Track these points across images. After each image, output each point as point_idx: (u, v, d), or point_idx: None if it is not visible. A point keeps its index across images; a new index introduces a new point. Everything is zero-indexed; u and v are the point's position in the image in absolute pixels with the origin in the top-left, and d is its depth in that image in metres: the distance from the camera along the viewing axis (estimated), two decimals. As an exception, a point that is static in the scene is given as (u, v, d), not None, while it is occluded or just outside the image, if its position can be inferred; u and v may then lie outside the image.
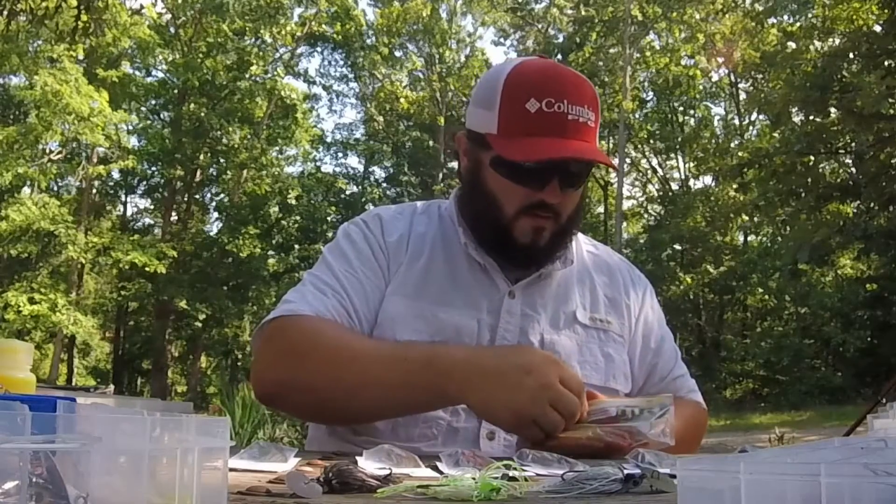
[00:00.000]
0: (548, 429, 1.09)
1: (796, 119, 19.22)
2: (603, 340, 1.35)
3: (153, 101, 25.06)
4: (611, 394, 1.29)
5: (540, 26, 27.10)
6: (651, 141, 27.00)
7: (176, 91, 23.88)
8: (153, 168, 24.78)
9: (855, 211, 18.74)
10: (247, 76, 23.26)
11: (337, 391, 1.19)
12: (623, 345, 1.38)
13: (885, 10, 15.95)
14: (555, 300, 1.35)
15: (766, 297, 22.76)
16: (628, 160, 25.81)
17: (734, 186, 22.54)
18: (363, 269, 1.31)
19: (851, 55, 17.32)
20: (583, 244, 1.45)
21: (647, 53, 25.07)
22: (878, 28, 16.85)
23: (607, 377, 1.33)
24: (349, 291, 1.28)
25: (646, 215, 28.13)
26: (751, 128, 25.83)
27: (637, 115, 25.98)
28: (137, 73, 24.13)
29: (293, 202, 23.92)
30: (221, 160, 24.16)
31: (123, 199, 27.13)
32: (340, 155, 33.39)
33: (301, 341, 1.22)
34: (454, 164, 26.69)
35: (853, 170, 19.53)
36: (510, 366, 1.13)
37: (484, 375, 1.12)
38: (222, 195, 25.23)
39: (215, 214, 26.00)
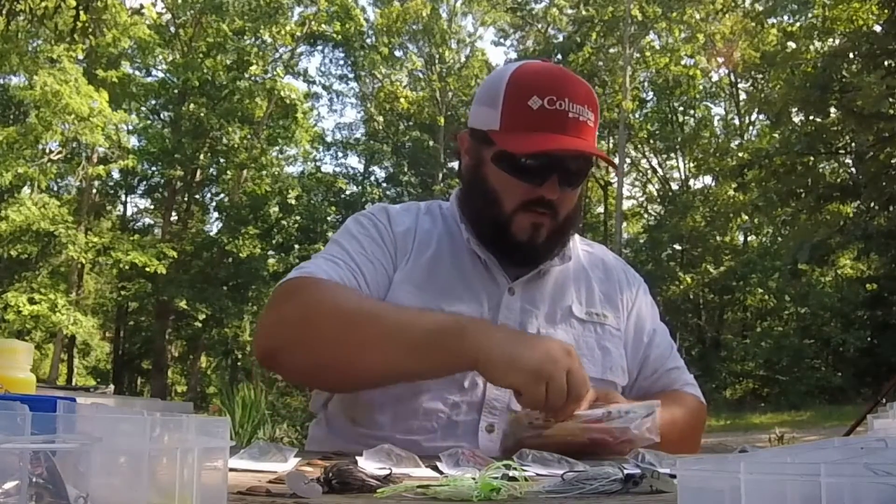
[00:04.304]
0: (554, 394, 1.07)
1: (796, 119, 19.21)
2: (600, 334, 1.37)
3: (153, 101, 25.05)
4: (609, 386, 1.31)
5: (540, 26, 27.11)
6: (651, 141, 27.00)
7: (176, 91, 23.87)
8: (153, 168, 24.78)
9: (855, 211, 18.73)
10: (246, 76, 23.25)
11: (348, 347, 1.18)
12: (620, 338, 1.40)
13: (885, 10, 15.94)
14: (552, 296, 1.37)
15: (766, 297, 22.76)
16: (628, 160, 25.81)
17: (734, 186, 22.54)
18: (373, 250, 1.33)
19: (851, 55, 17.30)
20: (578, 243, 1.47)
21: (647, 53, 25.06)
22: (878, 28, 16.84)
23: (604, 370, 1.34)
24: (361, 268, 1.29)
25: (646, 215, 28.14)
26: (751, 128, 25.84)
27: (637, 115, 25.98)
28: (137, 73, 24.14)
29: (293, 202, 23.91)
30: (221, 160, 24.15)
31: (123, 199, 27.16)
32: (340, 155, 33.44)
33: (315, 298, 1.23)
34: (454, 164, 26.77)
35: (853, 170, 19.52)
36: (530, 335, 1.26)
37: (503, 335, 1.15)
38: (222, 195, 25.23)
39: (215, 214, 26.03)
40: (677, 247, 24.70)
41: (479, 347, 1.10)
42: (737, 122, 26.50)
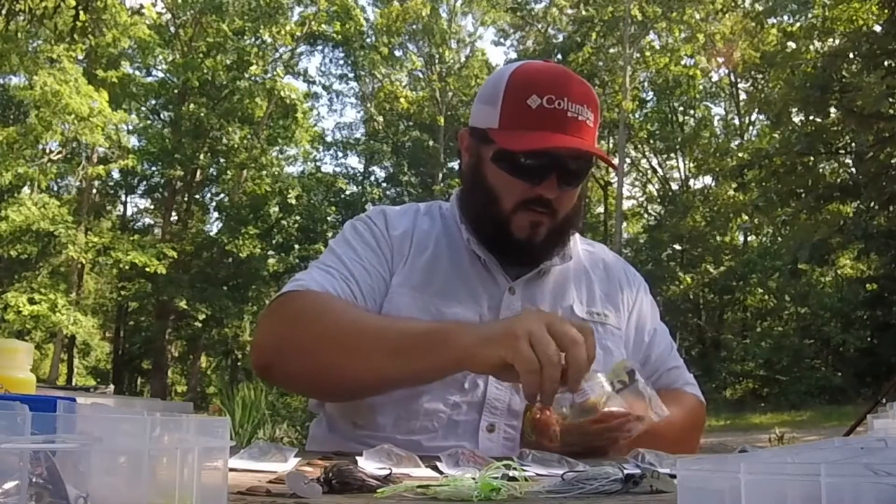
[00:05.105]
0: (541, 345, 1.02)
1: (796, 119, 19.21)
2: (601, 334, 1.36)
3: (153, 101, 25.05)
4: None
5: (540, 26, 27.10)
6: (651, 141, 26.99)
7: (176, 91, 23.87)
8: (153, 168, 24.78)
9: (855, 211, 18.73)
10: (246, 76, 23.25)
11: (338, 354, 1.18)
12: (621, 338, 1.40)
13: (885, 10, 15.94)
14: (552, 295, 1.37)
15: (766, 297, 22.75)
16: (628, 160, 25.80)
17: (734, 186, 22.55)
18: (368, 257, 1.33)
19: (851, 55, 17.31)
20: (579, 243, 1.47)
21: (647, 53, 25.05)
22: (878, 28, 16.85)
23: (606, 370, 1.34)
24: (355, 276, 1.30)
25: (646, 215, 28.13)
26: (751, 128, 25.85)
27: (637, 115, 25.97)
28: (137, 73, 24.14)
29: (293, 202, 23.90)
30: (221, 160, 24.15)
31: (123, 199, 27.17)
32: (340, 155, 33.48)
33: (306, 309, 1.24)
34: (454, 164, 26.79)
35: (853, 170, 19.52)
36: (507, 317, 1.28)
37: (482, 325, 1.22)
38: (222, 195, 25.22)
39: (215, 214, 26.02)
40: (677, 247, 24.69)
41: (458, 342, 1.10)
42: (737, 122, 26.50)
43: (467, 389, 1.26)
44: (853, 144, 18.23)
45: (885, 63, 15.89)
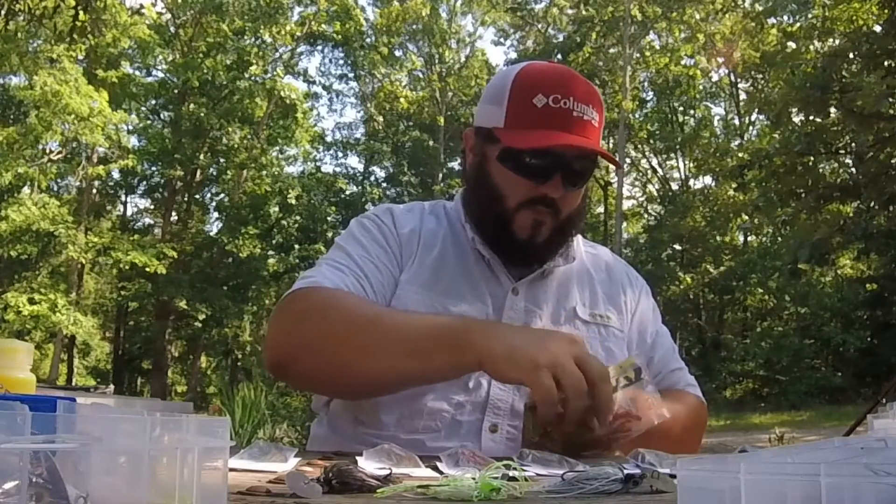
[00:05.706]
0: (568, 379, 1.02)
1: (796, 119, 19.22)
2: (604, 336, 1.37)
3: (153, 101, 25.06)
4: None
5: (540, 26, 27.11)
6: (651, 141, 27.00)
7: (176, 91, 23.87)
8: (153, 168, 24.78)
9: (855, 211, 18.73)
10: (246, 76, 23.25)
11: (350, 353, 1.17)
12: (623, 340, 1.40)
13: (885, 11, 15.95)
14: (556, 297, 1.37)
15: (766, 297, 22.76)
16: (628, 160, 25.81)
17: (734, 186, 22.57)
18: (378, 254, 1.33)
19: (851, 55, 17.32)
20: (581, 244, 1.47)
21: (647, 53, 25.06)
22: (878, 28, 16.86)
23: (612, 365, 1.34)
24: (366, 272, 1.29)
25: (646, 215, 28.14)
26: (751, 128, 25.86)
27: (637, 115, 25.98)
28: (137, 73, 24.14)
29: (293, 202, 23.90)
30: (221, 160, 24.15)
31: (123, 199, 27.18)
32: (340, 155, 33.49)
33: (319, 306, 1.22)
34: (454, 164, 26.83)
35: (853, 170, 19.53)
36: (534, 328, 1.28)
37: (506, 330, 1.17)
38: (222, 195, 25.23)
39: (215, 214, 26.03)
40: (677, 247, 24.71)
41: (482, 345, 1.08)
42: (737, 122, 26.52)
43: (471, 389, 1.26)
44: (853, 144, 18.23)
45: (885, 63, 15.91)
